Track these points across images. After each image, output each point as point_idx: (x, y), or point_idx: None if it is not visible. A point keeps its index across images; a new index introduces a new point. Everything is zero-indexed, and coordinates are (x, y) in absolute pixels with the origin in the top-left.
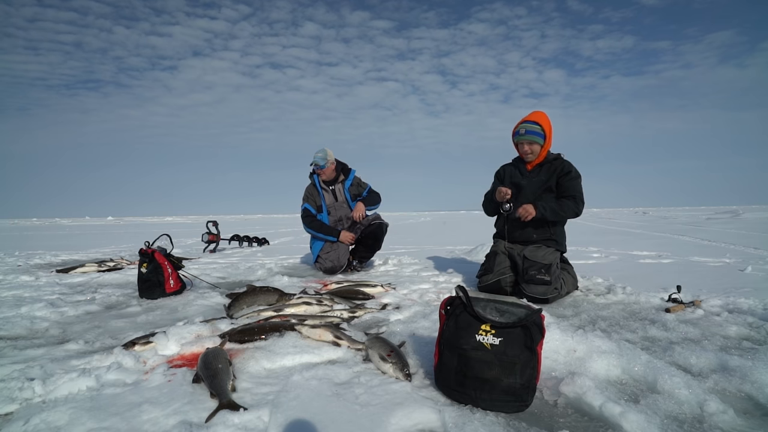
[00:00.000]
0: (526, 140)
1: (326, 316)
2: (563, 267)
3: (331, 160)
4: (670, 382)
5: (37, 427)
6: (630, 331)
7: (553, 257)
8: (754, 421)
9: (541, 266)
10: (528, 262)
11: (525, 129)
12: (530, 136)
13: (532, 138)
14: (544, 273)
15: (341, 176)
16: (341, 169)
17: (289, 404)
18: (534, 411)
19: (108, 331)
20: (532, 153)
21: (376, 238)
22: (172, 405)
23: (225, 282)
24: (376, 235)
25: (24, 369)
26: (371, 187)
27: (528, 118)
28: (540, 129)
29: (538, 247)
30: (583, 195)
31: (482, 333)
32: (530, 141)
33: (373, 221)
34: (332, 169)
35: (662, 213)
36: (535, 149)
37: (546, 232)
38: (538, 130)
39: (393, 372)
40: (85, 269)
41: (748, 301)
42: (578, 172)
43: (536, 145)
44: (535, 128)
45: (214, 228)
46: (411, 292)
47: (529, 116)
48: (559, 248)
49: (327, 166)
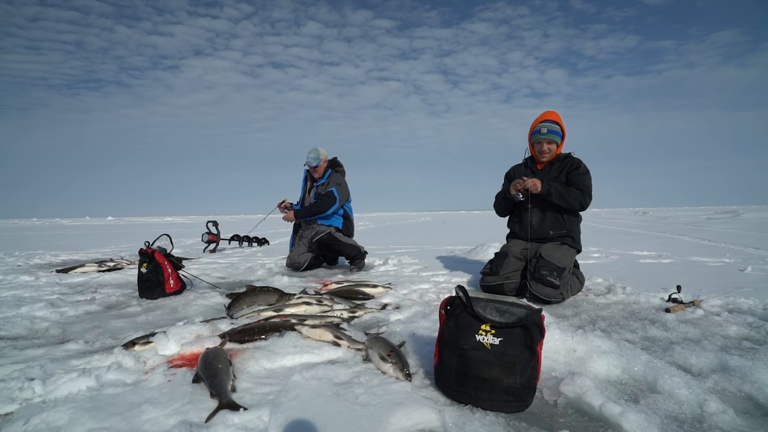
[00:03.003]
0: (547, 139)
1: (326, 316)
2: (573, 271)
3: (324, 158)
4: (670, 382)
5: (37, 427)
6: (630, 331)
7: (568, 260)
8: (754, 421)
9: (555, 268)
10: (542, 261)
11: (547, 128)
12: (551, 136)
13: (553, 137)
14: (555, 276)
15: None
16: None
17: (289, 404)
18: (534, 411)
19: (108, 331)
20: (549, 152)
21: (330, 248)
22: (172, 405)
23: (225, 282)
24: (328, 245)
25: (24, 369)
26: (332, 191)
27: (548, 118)
28: (559, 129)
29: (556, 246)
30: (591, 191)
31: (482, 333)
32: (550, 140)
33: (317, 234)
34: (324, 167)
35: (662, 213)
36: (552, 148)
37: (562, 229)
38: (558, 129)
39: (393, 372)
40: (85, 269)
41: (748, 301)
42: (587, 169)
43: (554, 145)
44: (556, 128)
45: (214, 228)
46: (411, 292)
47: (548, 116)
48: (575, 245)
49: (320, 165)
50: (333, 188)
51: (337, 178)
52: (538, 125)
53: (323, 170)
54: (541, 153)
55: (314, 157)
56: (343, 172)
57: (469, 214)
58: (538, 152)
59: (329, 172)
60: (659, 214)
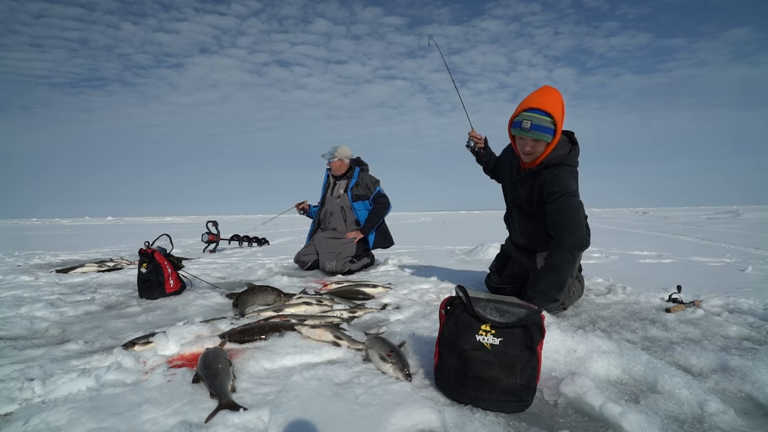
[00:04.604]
0: (531, 137)
1: (326, 316)
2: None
3: (340, 156)
4: (670, 382)
5: (36, 427)
6: (630, 331)
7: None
8: (754, 421)
9: None
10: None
11: (531, 122)
12: (536, 133)
13: (538, 135)
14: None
15: (350, 173)
16: (353, 167)
17: (289, 404)
18: (534, 411)
19: (108, 331)
20: (533, 153)
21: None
22: (171, 405)
23: (225, 282)
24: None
25: (24, 369)
26: (380, 190)
27: (534, 105)
28: (550, 121)
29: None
30: (580, 223)
31: (482, 333)
32: (535, 138)
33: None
34: (340, 165)
35: (662, 213)
36: (538, 149)
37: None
38: (548, 123)
39: (393, 372)
40: (84, 269)
41: (748, 301)
42: (570, 185)
43: (542, 143)
44: (544, 121)
45: (214, 228)
46: (411, 292)
47: (537, 100)
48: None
49: (334, 161)
50: (379, 188)
51: (370, 177)
52: (520, 115)
53: (339, 167)
54: (524, 153)
55: (330, 152)
56: (368, 170)
57: (469, 214)
58: (520, 151)
59: (357, 170)
60: (659, 213)
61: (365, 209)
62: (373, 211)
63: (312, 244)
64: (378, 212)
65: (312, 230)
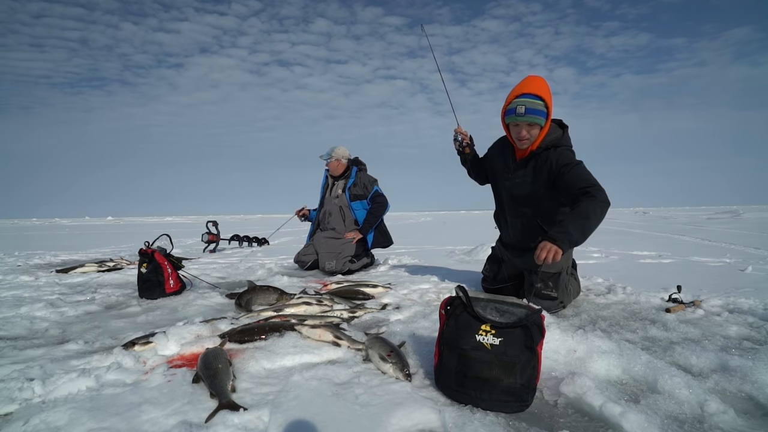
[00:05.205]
0: (526, 121)
1: (326, 316)
2: (571, 271)
3: (338, 156)
4: (670, 382)
5: (36, 427)
6: (630, 331)
7: (565, 262)
8: (754, 421)
9: (548, 277)
10: (533, 274)
11: (525, 107)
12: (531, 117)
13: (533, 119)
14: (551, 287)
15: (347, 173)
16: (350, 167)
17: (289, 404)
18: (534, 411)
19: (108, 331)
20: (530, 138)
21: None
22: (172, 405)
23: (225, 282)
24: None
25: (24, 369)
26: (378, 190)
27: (526, 90)
28: (542, 105)
29: None
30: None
31: (482, 333)
32: (531, 122)
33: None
34: (337, 165)
35: (662, 213)
36: (534, 133)
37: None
38: (541, 106)
39: (393, 372)
40: (84, 269)
41: (748, 301)
42: (577, 159)
43: (536, 128)
44: (537, 104)
45: (214, 228)
46: (411, 292)
47: (527, 86)
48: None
49: (331, 162)
50: (376, 188)
51: (367, 177)
52: (513, 101)
53: (336, 167)
54: (520, 140)
55: (328, 152)
56: (365, 170)
57: (469, 214)
58: (516, 138)
59: (354, 170)
60: (659, 214)
61: (363, 209)
62: (371, 211)
63: (312, 244)
64: (376, 212)
65: (312, 230)
